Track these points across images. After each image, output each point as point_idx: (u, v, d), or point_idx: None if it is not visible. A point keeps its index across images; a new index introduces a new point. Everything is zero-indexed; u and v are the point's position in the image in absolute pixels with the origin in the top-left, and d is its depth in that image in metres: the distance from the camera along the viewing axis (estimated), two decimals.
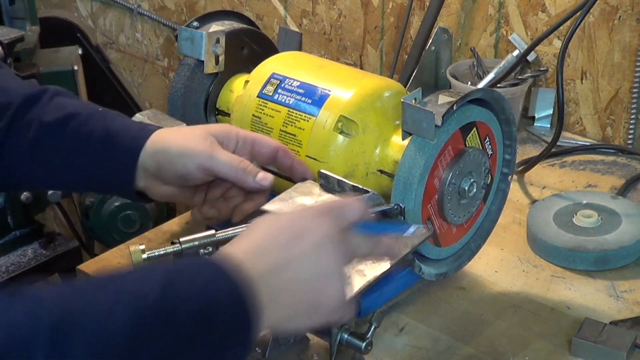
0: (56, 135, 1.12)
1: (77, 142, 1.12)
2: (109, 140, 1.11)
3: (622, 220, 1.31)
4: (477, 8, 1.77)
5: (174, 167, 1.10)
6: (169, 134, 1.12)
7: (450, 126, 1.09)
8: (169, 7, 2.43)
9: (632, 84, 1.60)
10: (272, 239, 0.85)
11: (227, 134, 1.13)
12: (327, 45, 2.07)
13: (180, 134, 1.12)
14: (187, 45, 1.30)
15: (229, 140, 1.13)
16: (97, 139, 1.11)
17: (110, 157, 1.11)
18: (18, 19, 2.05)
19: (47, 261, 2.12)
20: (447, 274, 1.18)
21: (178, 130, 1.14)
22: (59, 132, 1.12)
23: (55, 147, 1.12)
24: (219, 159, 1.10)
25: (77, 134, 1.12)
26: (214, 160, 1.10)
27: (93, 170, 1.12)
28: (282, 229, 0.87)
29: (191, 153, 1.09)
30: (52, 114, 1.12)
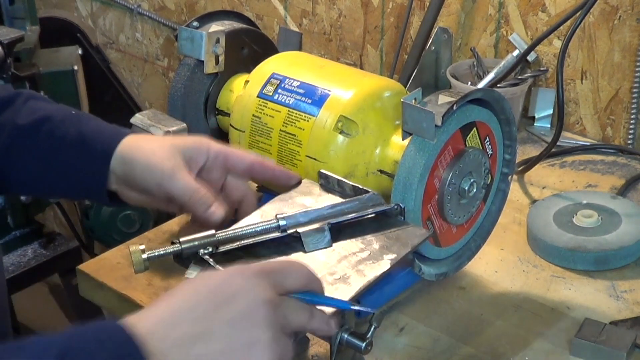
0: (30, 138, 1.11)
1: (50, 145, 1.11)
2: (81, 143, 1.10)
3: (622, 220, 1.31)
4: (477, 8, 1.77)
5: (137, 180, 1.09)
6: (138, 143, 1.09)
7: (450, 126, 1.09)
8: (169, 7, 2.43)
9: (632, 84, 1.60)
10: (191, 306, 0.78)
11: (198, 149, 1.10)
12: (327, 45, 2.07)
13: (149, 146, 1.09)
14: (187, 45, 1.30)
15: (198, 156, 1.10)
16: (71, 142, 1.10)
17: (83, 160, 1.10)
18: (18, 19, 2.05)
19: (47, 261, 2.12)
20: (447, 274, 1.18)
21: (149, 140, 1.10)
22: (33, 135, 1.11)
23: (28, 150, 1.11)
24: (176, 182, 1.06)
25: (51, 137, 1.11)
26: (172, 182, 1.07)
27: (66, 174, 1.11)
28: (208, 294, 0.79)
29: (153, 170, 1.07)
30: (26, 117, 1.12)
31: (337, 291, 0.97)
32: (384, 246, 1.04)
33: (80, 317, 2.27)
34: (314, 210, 1.05)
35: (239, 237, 1.03)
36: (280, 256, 1.03)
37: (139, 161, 1.07)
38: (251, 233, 1.03)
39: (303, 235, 1.03)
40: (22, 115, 1.12)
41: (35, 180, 1.14)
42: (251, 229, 1.03)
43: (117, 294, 1.25)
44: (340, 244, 1.04)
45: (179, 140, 1.11)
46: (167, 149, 1.08)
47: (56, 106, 1.15)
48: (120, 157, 1.08)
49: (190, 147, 1.10)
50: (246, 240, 1.03)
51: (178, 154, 1.08)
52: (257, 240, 1.03)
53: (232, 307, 0.78)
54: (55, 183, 1.13)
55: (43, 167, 1.12)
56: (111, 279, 1.26)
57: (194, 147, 1.10)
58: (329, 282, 0.99)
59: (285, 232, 1.04)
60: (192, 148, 1.10)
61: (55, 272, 2.20)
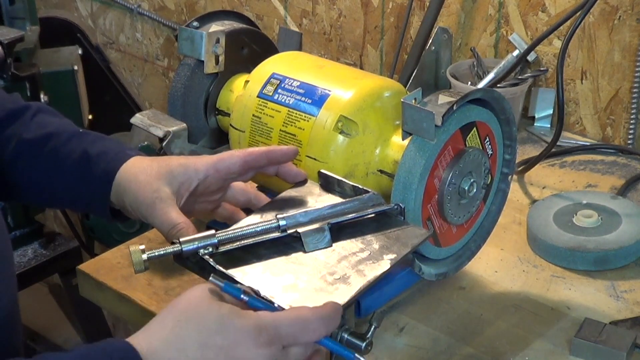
0: (35, 153, 1.12)
1: (54, 162, 1.12)
2: (85, 163, 1.10)
3: (622, 220, 1.31)
4: (477, 8, 1.77)
5: (127, 210, 1.10)
6: (133, 172, 1.09)
7: (450, 126, 1.09)
8: (169, 7, 2.43)
9: (632, 84, 1.60)
10: (199, 345, 0.84)
11: (185, 173, 1.08)
12: (327, 45, 2.07)
13: (140, 177, 1.08)
14: (187, 45, 1.30)
15: (187, 180, 1.09)
16: (74, 161, 1.11)
17: (85, 181, 1.10)
18: (18, 19, 2.05)
19: (47, 261, 2.12)
20: (447, 274, 1.18)
21: (142, 168, 1.09)
22: (38, 150, 1.12)
23: (33, 165, 1.12)
24: (155, 218, 1.06)
25: (56, 154, 1.11)
26: (152, 217, 1.06)
27: (69, 191, 1.12)
28: (218, 349, 0.84)
29: (139, 204, 1.07)
30: (33, 131, 1.12)
31: (337, 291, 0.97)
32: (384, 246, 1.04)
33: (80, 317, 2.27)
34: (314, 210, 1.05)
35: (239, 237, 1.03)
36: (280, 256, 1.03)
37: (128, 193, 1.08)
38: (251, 233, 1.03)
39: (303, 235, 1.03)
40: (30, 130, 1.13)
41: (38, 191, 1.15)
42: (251, 229, 1.03)
43: (117, 294, 1.25)
44: (340, 244, 1.04)
45: (166, 168, 1.09)
46: (153, 180, 1.07)
47: (63, 122, 1.16)
48: (117, 182, 1.09)
49: (177, 174, 1.08)
50: (246, 240, 1.03)
51: (164, 185, 1.07)
52: (257, 240, 1.03)
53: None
54: (58, 197, 1.14)
55: (47, 180, 1.12)
56: (111, 279, 1.26)
57: (181, 172, 1.08)
58: (329, 282, 0.99)
59: (285, 232, 1.04)
60: (180, 174, 1.08)
61: (55, 272, 2.20)
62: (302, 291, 0.98)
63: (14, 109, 1.14)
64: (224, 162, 1.10)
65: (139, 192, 1.07)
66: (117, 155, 1.11)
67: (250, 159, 1.11)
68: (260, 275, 1.00)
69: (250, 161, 1.11)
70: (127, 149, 1.13)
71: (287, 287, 0.98)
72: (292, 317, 0.86)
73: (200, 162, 1.10)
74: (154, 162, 1.10)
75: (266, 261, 1.02)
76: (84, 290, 1.32)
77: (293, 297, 0.97)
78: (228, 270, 0.99)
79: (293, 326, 0.86)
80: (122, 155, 1.11)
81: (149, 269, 0.99)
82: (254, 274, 1.00)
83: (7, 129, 1.13)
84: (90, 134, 1.14)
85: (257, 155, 1.11)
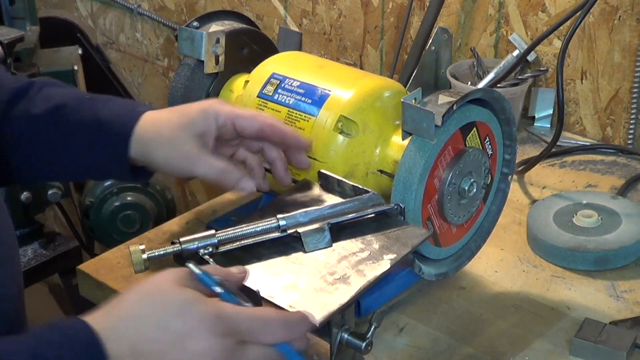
0: (46, 128, 1.12)
1: (67, 133, 1.12)
2: (98, 128, 1.11)
3: (622, 220, 1.31)
4: (477, 8, 1.77)
5: (160, 169, 1.11)
6: (154, 128, 1.10)
7: (450, 126, 1.09)
8: (169, 7, 2.43)
9: (632, 84, 1.60)
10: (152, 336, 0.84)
11: (206, 121, 1.10)
12: (327, 45, 2.07)
13: (166, 132, 1.09)
14: (187, 45, 1.30)
15: (208, 128, 1.10)
16: (87, 127, 1.11)
17: (101, 145, 1.11)
18: (18, 19, 2.05)
19: (47, 261, 2.12)
20: (447, 274, 1.18)
21: (161, 125, 1.10)
22: (49, 124, 1.12)
23: (45, 140, 1.12)
24: (199, 169, 1.08)
25: (67, 124, 1.11)
26: (195, 170, 1.09)
27: (85, 159, 1.12)
28: (171, 332, 0.83)
29: (172, 161, 1.09)
30: (40, 106, 1.12)
31: (337, 291, 0.97)
32: (384, 246, 1.04)
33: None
34: (314, 210, 1.05)
35: (239, 237, 1.03)
36: (280, 256, 1.03)
37: (156, 152, 1.09)
38: (251, 233, 1.03)
39: (303, 235, 1.03)
40: (37, 105, 1.12)
41: (54, 165, 1.15)
42: (251, 229, 1.03)
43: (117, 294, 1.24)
44: (340, 244, 1.04)
45: (187, 118, 1.10)
46: (178, 134, 1.09)
47: (70, 90, 1.16)
48: (138, 144, 1.10)
49: (198, 123, 1.10)
50: (246, 240, 1.03)
51: (190, 136, 1.09)
52: (257, 240, 1.03)
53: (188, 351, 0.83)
54: (74, 167, 1.14)
55: (61, 153, 1.12)
56: (111, 279, 1.26)
57: (202, 121, 1.10)
58: (329, 282, 0.99)
59: (285, 232, 1.04)
60: (201, 123, 1.10)
61: (55, 272, 2.20)
62: (302, 291, 0.98)
63: (18, 87, 1.14)
64: (243, 120, 1.11)
65: (168, 150, 1.09)
66: (129, 114, 1.11)
67: (267, 130, 1.12)
68: (260, 275, 1.00)
69: (267, 132, 1.12)
70: (138, 105, 1.14)
71: (287, 287, 0.98)
72: (255, 313, 0.85)
73: (222, 111, 1.11)
74: (172, 113, 1.11)
75: (266, 261, 1.02)
76: (84, 290, 1.32)
77: (293, 297, 0.97)
78: None
79: (253, 322, 0.84)
80: (134, 113, 1.11)
81: (149, 268, 0.99)
82: (254, 274, 1.00)
83: (14, 109, 1.13)
84: (98, 98, 1.14)
85: (275, 130, 1.12)
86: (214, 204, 1.44)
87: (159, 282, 0.86)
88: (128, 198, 2.18)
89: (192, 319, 0.83)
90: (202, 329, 0.83)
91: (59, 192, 2.08)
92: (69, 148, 1.12)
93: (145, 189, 2.19)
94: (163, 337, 0.83)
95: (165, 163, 1.10)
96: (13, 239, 1.08)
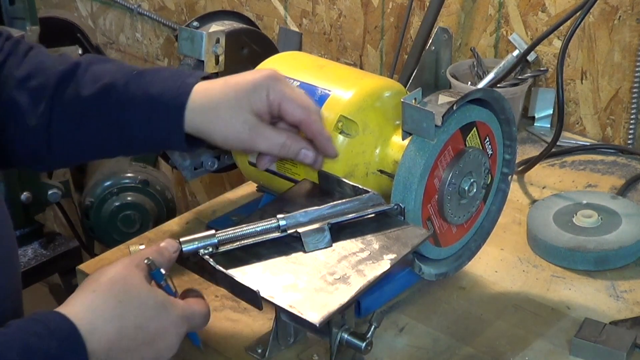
0: (98, 108, 1.12)
1: (120, 112, 1.12)
2: (150, 104, 1.11)
3: (622, 220, 1.31)
4: (477, 8, 1.77)
5: (218, 144, 1.14)
6: (210, 103, 1.11)
7: (450, 126, 1.09)
8: (169, 7, 2.43)
9: (632, 84, 1.60)
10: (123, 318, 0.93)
11: (259, 95, 1.11)
12: (327, 45, 2.07)
13: (223, 109, 1.10)
14: (187, 45, 1.30)
15: (262, 103, 1.11)
16: (139, 104, 1.12)
17: (156, 120, 1.11)
18: (18, 19, 2.05)
19: (47, 261, 2.12)
20: (447, 274, 1.18)
21: (217, 102, 1.11)
22: (101, 104, 1.12)
23: (100, 120, 1.13)
24: (260, 145, 1.11)
25: (118, 103, 1.12)
26: (256, 146, 1.12)
27: (140, 135, 1.13)
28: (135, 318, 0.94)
29: (233, 140, 1.11)
30: (90, 87, 1.13)
31: (337, 291, 0.97)
32: (384, 246, 1.04)
33: None
34: (314, 210, 1.05)
35: (239, 237, 1.03)
36: (280, 256, 1.03)
37: (215, 131, 1.11)
38: (251, 233, 1.03)
39: (303, 235, 1.03)
40: (86, 86, 1.13)
41: (110, 146, 1.16)
42: (251, 229, 1.03)
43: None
44: (340, 244, 1.04)
45: (242, 94, 1.11)
46: (236, 110, 1.10)
47: (117, 66, 1.16)
48: (192, 120, 1.11)
49: (254, 99, 1.11)
50: (246, 240, 1.03)
51: (248, 114, 1.11)
52: (257, 240, 1.03)
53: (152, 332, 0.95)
54: (130, 145, 1.15)
55: (116, 133, 1.13)
56: None
57: (257, 97, 1.11)
58: (329, 282, 0.99)
59: (285, 232, 1.04)
60: (256, 99, 1.11)
61: (55, 272, 2.20)
62: (302, 291, 0.98)
63: (65, 70, 1.15)
64: (287, 105, 1.11)
65: (227, 127, 1.10)
66: (181, 87, 1.12)
67: (304, 122, 1.12)
68: (260, 275, 1.00)
69: (303, 124, 1.12)
70: (186, 76, 1.14)
71: (287, 287, 0.99)
72: (201, 311, 0.99)
73: (273, 88, 1.11)
74: (226, 87, 1.12)
75: (266, 261, 1.02)
76: None
77: (293, 297, 0.97)
78: (228, 270, 0.99)
79: (200, 319, 0.99)
80: (185, 85, 1.12)
81: None
82: (254, 274, 1.00)
83: (64, 93, 1.13)
84: (145, 73, 1.15)
85: (310, 130, 1.12)
86: (214, 204, 1.44)
87: (131, 281, 0.94)
88: (128, 198, 2.17)
89: (166, 321, 0.95)
90: (172, 330, 0.95)
91: (59, 192, 2.08)
92: (123, 126, 1.13)
93: (145, 189, 2.19)
94: (139, 336, 0.93)
95: (223, 140, 1.11)
96: (12, 238, 1.08)
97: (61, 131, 1.13)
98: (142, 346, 0.93)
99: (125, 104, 1.12)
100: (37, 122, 1.13)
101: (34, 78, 1.14)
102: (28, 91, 1.13)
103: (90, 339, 0.90)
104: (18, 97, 1.13)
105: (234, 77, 1.15)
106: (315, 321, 0.94)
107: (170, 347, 0.96)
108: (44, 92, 1.13)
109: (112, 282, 0.94)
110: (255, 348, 1.10)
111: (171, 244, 1.00)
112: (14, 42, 1.19)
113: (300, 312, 0.95)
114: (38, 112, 1.13)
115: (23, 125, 1.13)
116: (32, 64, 1.16)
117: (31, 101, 1.13)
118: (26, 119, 1.13)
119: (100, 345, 0.90)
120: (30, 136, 1.14)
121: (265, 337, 1.11)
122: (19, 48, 1.18)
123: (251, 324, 1.15)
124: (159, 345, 0.94)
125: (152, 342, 0.94)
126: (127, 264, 0.96)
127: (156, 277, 0.97)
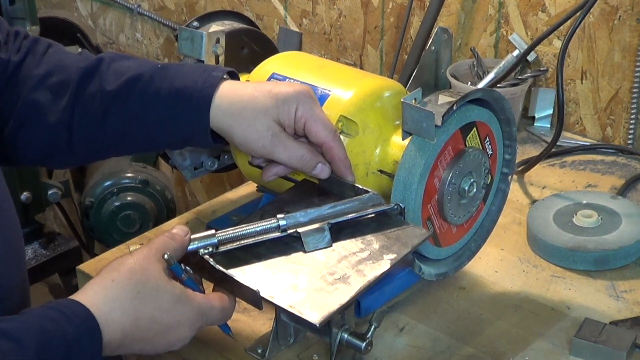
0: (123, 102, 1.12)
1: (144, 106, 1.12)
2: (176, 98, 1.11)
3: (622, 220, 1.31)
4: (477, 8, 1.77)
5: (237, 147, 1.14)
6: (237, 105, 1.11)
7: (450, 126, 1.09)
8: (169, 7, 2.43)
9: (632, 84, 1.60)
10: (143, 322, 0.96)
11: (288, 109, 1.11)
12: (327, 45, 2.07)
13: (249, 113, 1.10)
14: (187, 45, 1.30)
15: (289, 117, 1.11)
16: (164, 98, 1.11)
17: (181, 115, 1.11)
18: (18, 19, 2.05)
19: (47, 261, 2.12)
20: (447, 274, 1.18)
21: (244, 103, 1.11)
22: (125, 98, 1.12)
23: (123, 114, 1.12)
24: (279, 155, 1.11)
25: (143, 97, 1.12)
26: (275, 155, 1.11)
27: (166, 129, 1.13)
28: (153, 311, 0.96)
29: (253, 144, 1.11)
30: (114, 82, 1.13)
31: (337, 291, 0.97)
32: (384, 246, 1.04)
33: None
34: (314, 210, 1.05)
35: (239, 237, 1.03)
36: (280, 256, 1.03)
37: (236, 132, 1.11)
38: (251, 233, 1.03)
39: (303, 235, 1.03)
40: (110, 81, 1.13)
41: (134, 140, 1.15)
42: (251, 229, 1.03)
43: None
44: (340, 244, 1.04)
45: (272, 102, 1.11)
46: (262, 117, 1.10)
47: (140, 62, 1.16)
48: (217, 118, 1.11)
49: (282, 111, 1.11)
50: (246, 240, 1.03)
51: (273, 120, 1.10)
52: (257, 240, 1.03)
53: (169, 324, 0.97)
54: (155, 140, 1.15)
55: (140, 127, 1.13)
56: None
57: (284, 110, 1.11)
58: (329, 282, 0.99)
59: (285, 232, 1.04)
60: (284, 112, 1.11)
61: (55, 272, 2.20)
62: (302, 291, 0.98)
63: (87, 65, 1.14)
64: (313, 125, 1.11)
65: (249, 131, 1.10)
66: (206, 81, 1.11)
67: (327, 145, 1.11)
68: (260, 275, 1.00)
69: (326, 146, 1.11)
70: (212, 70, 1.14)
71: (287, 287, 0.99)
72: (219, 304, 1.00)
73: (302, 106, 1.11)
74: (257, 92, 1.12)
75: (266, 261, 1.02)
76: None
77: (293, 297, 0.97)
78: (228, 270, 0.99)
79: (218, 314, 1.00)
80: (211, 79, 1.12)
81: None
82: (254, 274, 1.00)
83: (87, 88, 1.13)
84: (170, 67, 1.15)
85: (333, 149, 1.11)
86: (214, 204, 1.44)
87: (151, 272, 0.96)
88: (128, 198, 2.17)
89: (180, 315, 0.97)
90: (186, 324, 0.97)
91: (59, 192, 2.08)
92: (148, 120, 1.12)
93: (145, 189, 2.19)
94: (153, 328, 0.95)
95: (243, 142, 1.11)
96: (18, 232, 1.09)
97: (83, 126, 1.13)
98: (155, 337, 0.96)
99: (150, 97, 1.12)
100: (58, 118, 1.13)
101: (54, 75, 1.14)
102: (48, 88, 1.13)
103: (107, 329, 0.92)
104: (38, 95, 1.13)
105: (268, 83, 1.16)
106: (315, 321, 0.94)
107: (182, 339, 0.98)
108: (65, 88, 1.13)
109: (131, 272, 0.95)
110: (255, 348, 1.10)
111: (182, 229, 1.02)
112: (32, 41, 1.18)
113: (300, 312, 0.95)
114: (59, 108, 1.13)
115: (43, 122, 1.13)
116: (51, 62, 1.16)
117: (52, 97, 1.13)
118: (47, 116, 1.13)
119: (115, 335, 0.93)
120: (50, 133, 1.13)
121: (265, 337, 1.11)
122: (37, 47, 1.18)
123: (251, 324, 1.15)
124: (171, 336, 0.97)
125: (165, 333, 0.96)
126: (147, 255, 0.97)
127: (176, 271, 0.99)
